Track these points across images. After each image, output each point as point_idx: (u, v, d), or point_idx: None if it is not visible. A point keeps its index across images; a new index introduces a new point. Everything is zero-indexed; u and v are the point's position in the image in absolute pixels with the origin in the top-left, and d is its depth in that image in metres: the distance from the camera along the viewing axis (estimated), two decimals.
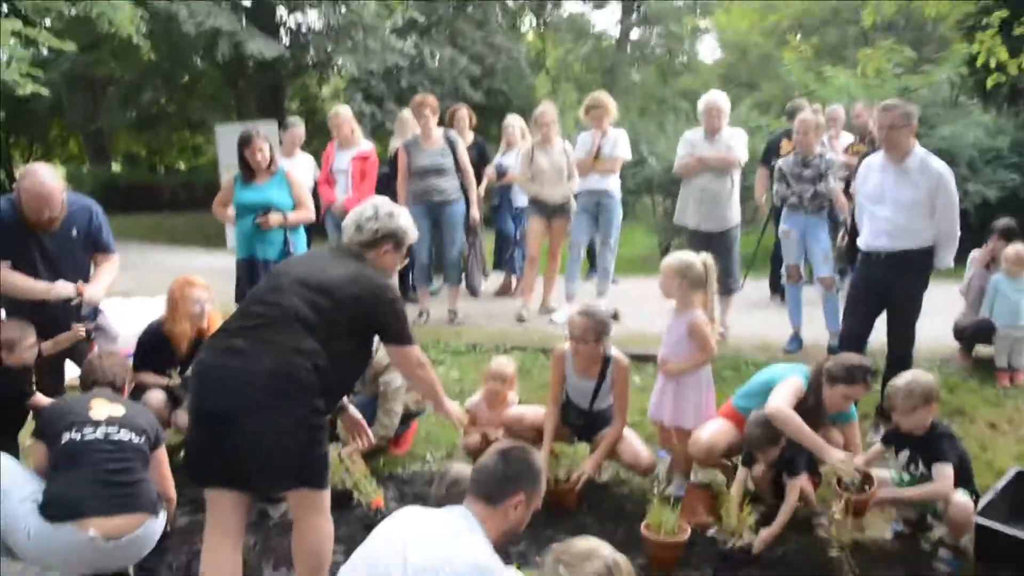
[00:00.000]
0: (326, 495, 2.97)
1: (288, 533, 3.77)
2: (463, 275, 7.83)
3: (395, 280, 8.07)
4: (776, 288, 8.09)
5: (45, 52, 10.42)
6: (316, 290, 2.94)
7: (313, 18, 16.26)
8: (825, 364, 3.92)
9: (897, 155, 4.72)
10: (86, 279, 4.36)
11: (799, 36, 17.97)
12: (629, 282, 9.47)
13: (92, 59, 14.85)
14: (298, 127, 7.48)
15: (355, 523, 3.93)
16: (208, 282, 4.75)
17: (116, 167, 26.81)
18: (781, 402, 3.85)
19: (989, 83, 9.05)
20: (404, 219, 3.29)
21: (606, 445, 4.27)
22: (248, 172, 5.66)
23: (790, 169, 6.26)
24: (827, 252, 6.24)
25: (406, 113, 7.82)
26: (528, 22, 24.41)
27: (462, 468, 2.93)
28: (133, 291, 7.96)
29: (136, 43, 10.50)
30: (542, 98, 21.72)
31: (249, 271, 5.66)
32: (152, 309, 5.14)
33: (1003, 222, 6.05)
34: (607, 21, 43.84)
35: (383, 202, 3.31)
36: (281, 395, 2.76)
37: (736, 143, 6.52)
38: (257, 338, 2.83)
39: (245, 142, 5.59)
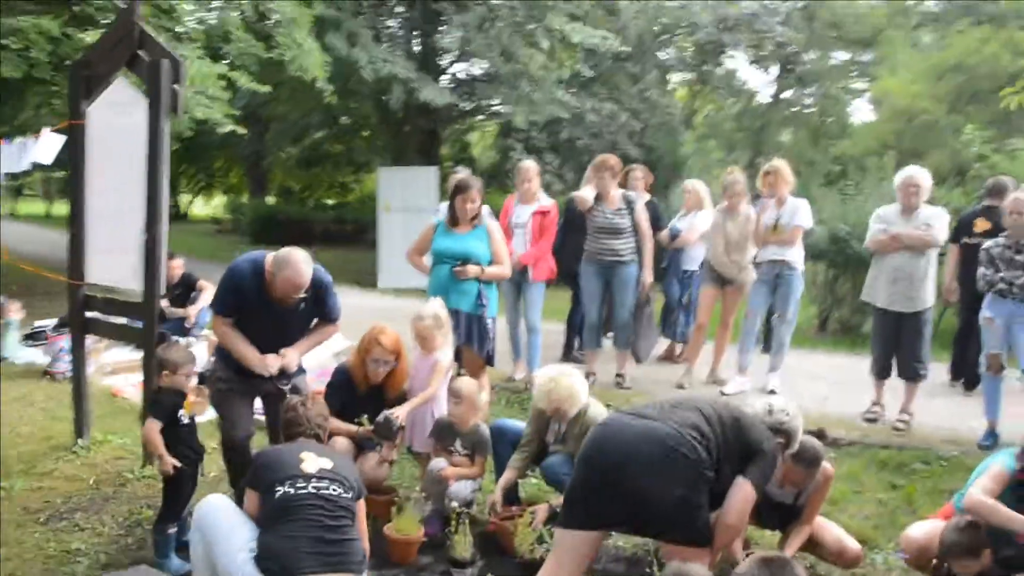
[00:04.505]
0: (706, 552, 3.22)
1: None
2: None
3: (565, 336, 8.13)
4: (957, 375, 7.66)
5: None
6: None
7: (476, 67, 16.67)
8: None
9: None
10: None
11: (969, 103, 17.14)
12: (789, 355, 9.10)
13: (269, 98, 15.66)
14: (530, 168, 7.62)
15: None
16: (362, 322, 4.85)
17: (270, 199, 28.21)
18: (978, 491, 3.66)
19: None
20: (799, 423, 3.76)
21: (798, 539, 4.07)
22: (453, 219, 5.77)
23: (1000, 253, 5.92)
24: None
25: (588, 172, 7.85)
26: (679, 78, 24.33)
27: (698, 571, 2.79)
28: None
29: (319, 87, 11.01)
30: (689, 155, 21.56)
31: None
32: (315, 354, 5.25)
33: None
34: (759, 80, 43.18)
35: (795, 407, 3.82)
36: (671, 457, 3.12)
37: (936, 222, 6.25)
38: (661, 411, 3.33)
39: (462, 189, 5.70)
